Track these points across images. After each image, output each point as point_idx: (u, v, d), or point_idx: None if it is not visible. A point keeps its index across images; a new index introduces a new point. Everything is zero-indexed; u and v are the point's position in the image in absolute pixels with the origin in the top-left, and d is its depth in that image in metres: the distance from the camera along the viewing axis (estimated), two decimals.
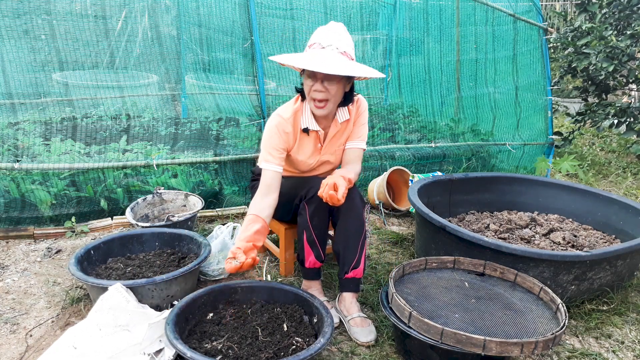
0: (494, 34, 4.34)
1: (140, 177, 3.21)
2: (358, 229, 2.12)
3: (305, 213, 2.14)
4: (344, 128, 2.23)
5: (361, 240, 2.13)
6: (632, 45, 4.47)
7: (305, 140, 2.20)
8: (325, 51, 1.94)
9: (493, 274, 2.16)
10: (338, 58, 1.94)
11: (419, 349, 1.82)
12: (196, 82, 3.81)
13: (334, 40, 1.95)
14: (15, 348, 1.93)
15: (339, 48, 1.95)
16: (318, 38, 1.99)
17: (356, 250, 2.12)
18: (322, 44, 1.96)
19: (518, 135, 4.49)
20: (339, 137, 2.25)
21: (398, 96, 4.67)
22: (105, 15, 3.20)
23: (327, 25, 2.02)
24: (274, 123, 2.13)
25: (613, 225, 2.82)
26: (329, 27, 2.01)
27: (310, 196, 2.12)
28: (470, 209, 3.16)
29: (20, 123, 3.69)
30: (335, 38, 1.96)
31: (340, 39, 1.97)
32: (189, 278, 2.19)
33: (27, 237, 2.85)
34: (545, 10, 8.54)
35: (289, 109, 2.16)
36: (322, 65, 1.87)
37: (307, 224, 2.15)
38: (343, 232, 2.13)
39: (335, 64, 1.89)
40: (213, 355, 1.68)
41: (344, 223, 2.12)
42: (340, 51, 1.95)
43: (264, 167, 2.10)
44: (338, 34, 1.98)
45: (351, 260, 2.12)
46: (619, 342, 2.12)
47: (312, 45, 1.99)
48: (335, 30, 1.99)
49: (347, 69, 1.91)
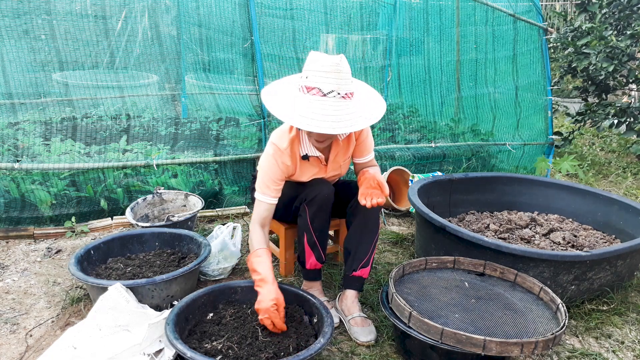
0: (494, 34, 4.34)
1: (140, 177, 3.21)
2: (374, 228, 2.12)
3: (306, 215, 2.14)
4: (345, 145, 2.18)
5: (374, 241, 2.14)
6: (632, 45, 4.47)
7: (306, 165, 2.16)
8: (327, 101, 1.78)
9: (493, 274, 2.16)
10: (341, 108, 1.79)
11: (419, 349, 1.82)
12: (196, 82, 3.82)
13: (334, 84, 1.77)
14: (15, 348, 1.93)
15: (341, 92, 1.79)
16: (317, 80, 1.78)
17: (368, 250, 2.13)
18: (323, 89, 1.77)
19: (518, 135, 4.49)
20: (343, 154, 2.20)
21: (398, 96, 4.66)
22: (105, 15, 3.20)
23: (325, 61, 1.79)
24: (272, 153, 2.05)
25: (613, 225, 2.82)
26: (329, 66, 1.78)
27: (310, 198, 2.11)
28: (470, 209, 3.16)
29: (20, 123, 3.69)
30: (336, 80, 1.78)
31: (341, 77, 1.79)
32: (189, 278, 2.19)
33: (27, 237, 2.85)
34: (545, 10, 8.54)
35: (284, 139, 2.05)
36: (326, 125, 1.77)
37: (307, 226, 2.14)
38: (358, 229, 2.13)
39: (341, 122, 1.78)
40: (213, 355, 1.68)
41: (361, 221, 2.12)
42: (342, 95, 1.79)
43: (260, 199, 2.05)
44: (338, 73, 1.78)
45: (361, 259, 2.12)
46: (619, 342, 2.12)
47: (311, 89, 1.79)
48: (335, 69, 1.77)
49: (352, 125, 1.81)
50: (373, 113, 1.91)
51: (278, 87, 1.99)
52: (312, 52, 1.85)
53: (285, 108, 1.86)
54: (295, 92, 1.87)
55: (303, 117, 1.79)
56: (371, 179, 2.03)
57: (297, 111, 1.82)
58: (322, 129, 1.77)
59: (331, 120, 1.77)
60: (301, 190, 2.17)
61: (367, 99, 1.98)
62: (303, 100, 1.81)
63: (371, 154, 2.25)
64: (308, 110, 1.79)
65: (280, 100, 1.90)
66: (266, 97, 1.93)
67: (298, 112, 1.81)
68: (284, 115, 1.84)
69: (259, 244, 1.99)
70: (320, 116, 1.77)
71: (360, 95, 1.94)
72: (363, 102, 1.92)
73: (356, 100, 1.87)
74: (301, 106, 1.81)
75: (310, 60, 1.82)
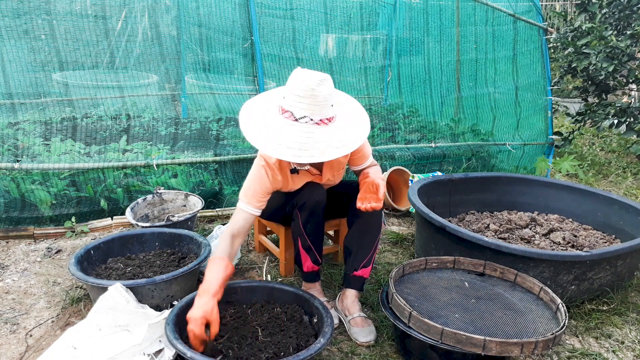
0: (494, 34, 4.34)
1: (140, 177, 3.21)
2: (376, 228, 2.12)
3: (298, 220, 2.13)
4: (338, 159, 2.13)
5: (376, 241, 2.14)
6: (632, 45, 4.47)
7: (297, 178, 2.13)
8: (297, 126, 1.71)
9: (493, 274, 2.16)
10: (312, 134, 1.71)
11: (419, 349, 1.82)
12: (196, 82, 3.82)
13: (307, 110, 1.70)
14: (15, 348, 1.93)
15: (314, 118, 1.71)
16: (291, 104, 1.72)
17: (370, 249, 2.13)
18: (295, 114, 1.71)
19: (518, 135, 4.49)
20: (337, 168, 2.18)
21: (398, 96, 4.67)
22: (105, 15, 3.20)
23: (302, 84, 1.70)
24: (262, 164, 2.00)
25: (613, 225, 2.82)
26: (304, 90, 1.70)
27: (301, 204, 2.09)
28: (470, 209, 3.16)
29: (20, 123, 3.69)
30: (310, 106, 1.70)
31: (316, 102, 1.70)
32: (189, 278, 2.19)
33: (27, 237, 2.85)
34: (545, 10, 8.54)
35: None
36: (289, 152, 1.70)
37: (300, 231, 2.14)
38: (361, 229, 2.12)
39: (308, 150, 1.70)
40: (213, 356, 1.68)
41: (363, 221, 2.11)
42: (315, 121, 1.71)
43: (242, 208, 1.98)
44: (313, 98, 1.69)
45: (363, 259, 2.12)
46: (619, 342, 2.12)
47: (285, 111, 1.74)
48: (310, 94, 1.69)
49: (319, 156, 1.71)
50: (351, 139, 1.79)
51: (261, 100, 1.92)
52: (298, 69, 1.79)
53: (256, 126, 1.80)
54: (273, 110, 1.81)
55: (271, 141, 1.73)
56: (370, 184, 2.00)
57: (266, 132, 1.76)
58: (285, 157, 1.71)
59: (297, 147, 1.69)
60: (291, 196, 2.16)
61: (350, 121, 1.86)
62: (276, 122, 1.76)
63: (369, 159, 2.19)
64: (276, 135, 1.73)
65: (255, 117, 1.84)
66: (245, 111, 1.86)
67: (267, 133, 1.76)
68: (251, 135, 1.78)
69: (221, 252, 1.86)
70: (288, 142, 1.70)
71: (343, 117, 1.84)
72: (343, 127, 1.81)
73: (335, 125, 1.78)
74: (271, 127, 1.76)
75: (292, 78, 1.75)
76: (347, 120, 1.85)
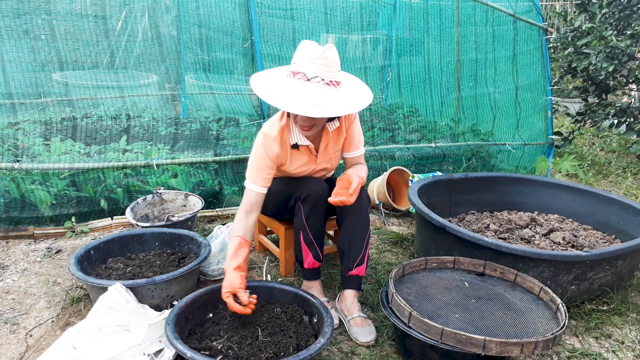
0: (494, 34, 4.34)
1: (140, 177, 3.21)
2: (364, 226, 2.13)
3: (301, 213, 2.14)
4: (336, 136, 2.19)
5: (366, 238, 2.14)
6: (632, 45, 4.47)
7: (296, 154, 2.17)
8: (310, 86, 1.81)
9: (493, 274, 2.16)
10: (324, 93, 1.82)
11: (419, 349, 1.82)
12: (196, 82, 3.81)
13: (318, 70, 1.81)
14: (15, 348, 1.93)
15: (325, 78, 1.82)
16: (303, 66, 1.83)
17: (361, 248, 2.13)
18: (308, 74, 1.82)
19: (518, 135, 4.49)
20: (333, 145, 2.21)
21: (398, 96, 4.67)
22: (105, 15, 3.20)
23: (312, 48, 1.83)
24: (261, 142, 2.07)
25: (613, 225, 2.82)
26: (315, 52, 1.82)
27: (304, 197, 2.12)
28: (470, 209, 3.16)
29: (20, 123, 3.69)
30: (321, 67, 1.81)
31: (327, 64, 1.82)
32: (189, 278, 2.19)
33: (27, 237, 2.85)
34: (545, 10, 8.54)
35: (275, 127, 2.08)
36: (306, 107, 1.79)
37: (303, 224, 2.15)
38: (349, 228, 2.13)
39: (321, 106, 1.79)
40: (213, 356, 1.68)
41: (350, 220, 2.13)
42: (326, 82, 1.82)
43: (249, 187, 2.06)
44: (324, 59, 1.82)
45: (356, 257, 2.13)
46: (619, 342, 2.12)
47: (296, 73, 1.84)
48: (321, 56, 1.81)
49: (332, 110, 1.82)
50: (357, 102, 1.91)
51: (269, 72, 2.03)
52: (304, 41, 1.88)
53: (269, 89, 1.90)
54: (283, 77, 1.92)
55: (284, 97, 1.83)
56: (345, 180, 2.06)
57: (280, 92, 1.86)
58: (299, 110, 1.79)
59: (311, 103, 1.79)
60: (294, 189, 2.18)
61: (355, 89, 1.98)
62: (288, 83, 1.87)
63: (360, 150, 2.25)
64: (290, 92, 1.83)
65: (266, 82, 1.95)
66: (254, 78, 1.97)
67: (280, 93, 1.86)
68: (265, 95, 1.88)
69: (236, 229, 2.01)
70: (301, 98, 1.80)
71: (348, 86, 1.96)
72: (349, 92, 1.93)
73: (342, 89, 1.90)
74: (284, 88, 1.86)
75: (300, 48, 1.86)
76: (352, 88, 1.98)
